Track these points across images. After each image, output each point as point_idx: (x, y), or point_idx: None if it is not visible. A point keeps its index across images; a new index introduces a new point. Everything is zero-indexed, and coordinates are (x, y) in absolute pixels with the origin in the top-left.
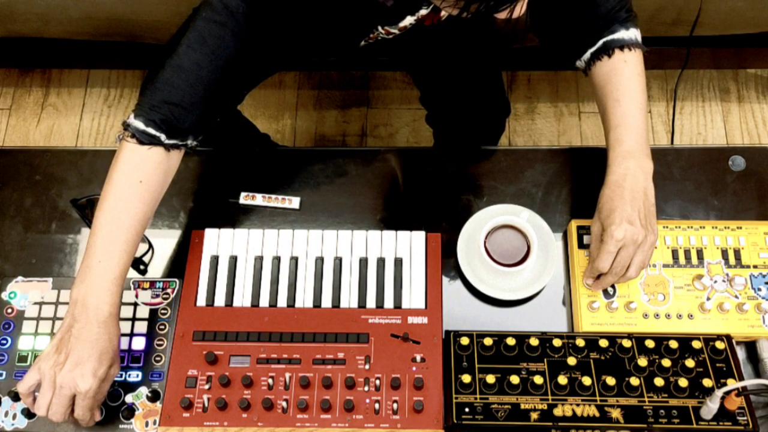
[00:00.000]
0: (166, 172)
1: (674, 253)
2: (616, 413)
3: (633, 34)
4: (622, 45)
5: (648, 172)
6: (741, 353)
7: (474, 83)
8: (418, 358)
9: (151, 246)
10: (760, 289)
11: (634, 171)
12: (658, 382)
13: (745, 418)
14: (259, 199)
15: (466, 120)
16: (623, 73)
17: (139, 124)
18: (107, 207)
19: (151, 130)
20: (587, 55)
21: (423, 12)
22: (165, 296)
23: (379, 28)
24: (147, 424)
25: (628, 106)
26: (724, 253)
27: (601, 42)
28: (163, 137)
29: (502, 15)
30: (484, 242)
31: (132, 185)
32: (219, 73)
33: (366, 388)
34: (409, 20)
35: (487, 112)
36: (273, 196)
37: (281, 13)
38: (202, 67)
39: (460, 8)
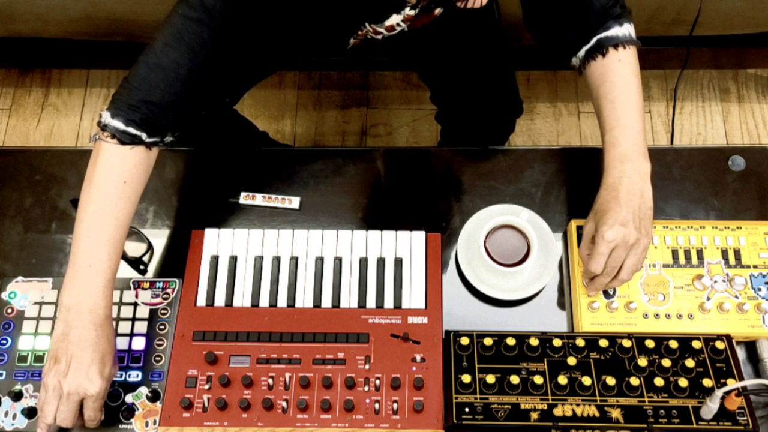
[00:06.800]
0: (147, 170)
1: (674, 253)
2: (616, 413)
3: (627, 30)
4: (617, 43)
5: (645, 174)
6: (741, 353)
7: (485, 81)
8: (418, 358)
9: (151, 246)
10: (760, 289)
11: (630, 174)
12: (658, 382)
13: (745, 418)
14: (259, 199)
15: (476, 118)
16: (618, 72)
17: (119, 124)
18: (92, 210)
19: (132, 130)
20: (582, 52)
21: (410, 12)
22: (165, 296)
23: (367, 25)
24: (147, 424)
25: (623, 108)
26: (724, 253)
27: (595, 39)
28: (144, 136)
29: (460, 4)
30: (484, 242)
31: (116, 186)
32: (198, 71)
33: (366, 388)
34: (395, 19)
35: (498, 111)
36: (273, 196)
37: (260, 10)
38: (180, 65)
39: None
